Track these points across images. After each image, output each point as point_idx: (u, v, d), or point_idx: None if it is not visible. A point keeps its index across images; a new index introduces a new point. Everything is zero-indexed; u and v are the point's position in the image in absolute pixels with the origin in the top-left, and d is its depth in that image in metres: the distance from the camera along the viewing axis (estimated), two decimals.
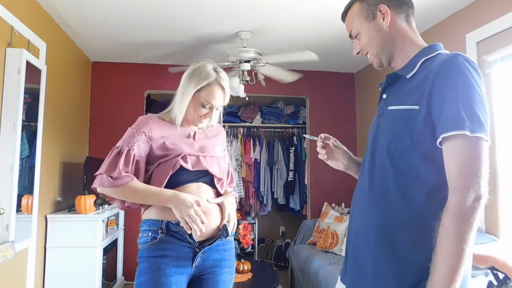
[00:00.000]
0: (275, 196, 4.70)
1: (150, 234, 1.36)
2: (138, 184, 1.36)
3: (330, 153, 1.23)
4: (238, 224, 3.25)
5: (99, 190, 1.37)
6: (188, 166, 1.40)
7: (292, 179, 4.66)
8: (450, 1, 2.65)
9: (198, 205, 1.34)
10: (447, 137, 0.85)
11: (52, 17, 2.90)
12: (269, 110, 4.87)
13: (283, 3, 2.70)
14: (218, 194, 1.50)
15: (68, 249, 2.88)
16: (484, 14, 2.50)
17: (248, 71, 3.31)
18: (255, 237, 4.55)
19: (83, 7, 2.76)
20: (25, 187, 2.38)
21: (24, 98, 2.22)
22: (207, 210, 1.38)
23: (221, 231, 1.43)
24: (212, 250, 1.41)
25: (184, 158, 1.40)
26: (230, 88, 3.35)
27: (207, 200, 1.42)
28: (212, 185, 1.48)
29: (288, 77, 3.46)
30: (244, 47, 3.26)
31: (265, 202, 4.70)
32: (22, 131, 2.23)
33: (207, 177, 1.46)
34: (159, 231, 1.35)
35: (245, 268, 2.87)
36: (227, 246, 1.48)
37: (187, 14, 2.90)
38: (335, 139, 1.23)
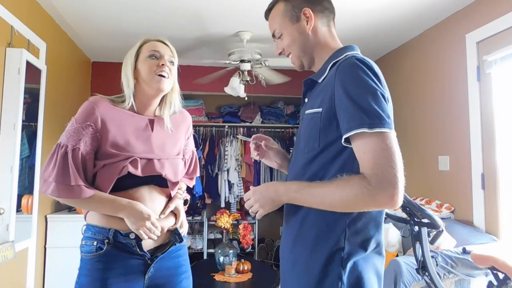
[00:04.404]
0: None
1: (95, 243, 1.19)
2: (92, 194, 1.20)
3: (264, 152, 1.24)
4: (238, 224, 3.25)
5: (50, 195, 1.19)
6: (138, 172, 1.23)
7: None
8: (450, 1, 2.65)
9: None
10: (352, 137, 0.86)
11: (52, 17, 2.90)
12: (269, 110, 4.87)
13: None
14: (169, 196, 1.36)
15: (68, 249, 2.88)
16: (484, 14, 2.50)
17: (248, 71, 3.31)
18: (255, 237, 4.55)
19: (83, 7, 2.76)
20: (25, 187, 2.38)
21: (24, 98, 2.22)
22: (162, 225, 1.28)
23: (173, 235, 1.32)
24: (165, 258, 1.29)
25: (133, 163, 1.22)
26: (230, 88, 3.38)
27: (160, 215, 1.29)
28: (165, 186, 1.33)
29: (280, 79, 3.49)
30: (244, 47, 3.26)
31: None
32: (22, 131, 2.23)
33: (160, 180, 1.30)
34: (106, 241, 1.19)
35: (245, 268, 2.86)
36: (181, 251, 1.37)
37: (187, 14, 2.90)
38: (268, 138, 1.24)
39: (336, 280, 0.90)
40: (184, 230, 1.38)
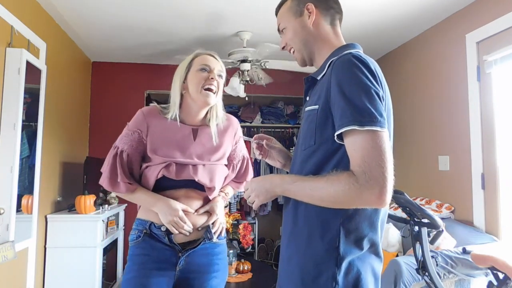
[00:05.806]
0: None
1: (136, 232, 1.38)
2: (133, 189, 1.39)
3: (266, 152, 1.25)
4: (238, 224, 3.25)
5: (105, 187, 1.40)
6: (172, 175, 1.35)
7: None
8: (450, 1, 2.65)
9: (187, 213, 1.35)
10: (344, 134, 0.86)
11: (52, 17, 2.90)
12: (269, 110, 4.87)
13: None
14: (208, 199, 1.45)
15: (68, 249, 2.88)
16: (484, 14, 2.50)
17: (248, 71, 3.31)
18: (255, 237, 4.55)
19: (83, 7, 2.76)
20: (25, 187, 2.38)
21: (24, 98, 2.22)
22: (194, 221, 1.37)
23: (205, 233, 1.40)
24: (198, 253, 1.38)
25: (168, 167, 1.35)
26: (230, 88, 3.39)
27: (195, 212, 1.39)
28: (204, 189, 1.42)
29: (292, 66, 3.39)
30: (244, 47, 3.26)
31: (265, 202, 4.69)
32: (22, 131, 2.23)
33: (197, 183, 1.40)
34: (144, 231, 1.37)
35: (245, 268, 2.87)
36: (216, 249, 1.43)
37: (187, 14, 2.90)
38: (270, 137, 1.25)
39: (330, 280, 0.89)
40: (216, 229, 1.43)
